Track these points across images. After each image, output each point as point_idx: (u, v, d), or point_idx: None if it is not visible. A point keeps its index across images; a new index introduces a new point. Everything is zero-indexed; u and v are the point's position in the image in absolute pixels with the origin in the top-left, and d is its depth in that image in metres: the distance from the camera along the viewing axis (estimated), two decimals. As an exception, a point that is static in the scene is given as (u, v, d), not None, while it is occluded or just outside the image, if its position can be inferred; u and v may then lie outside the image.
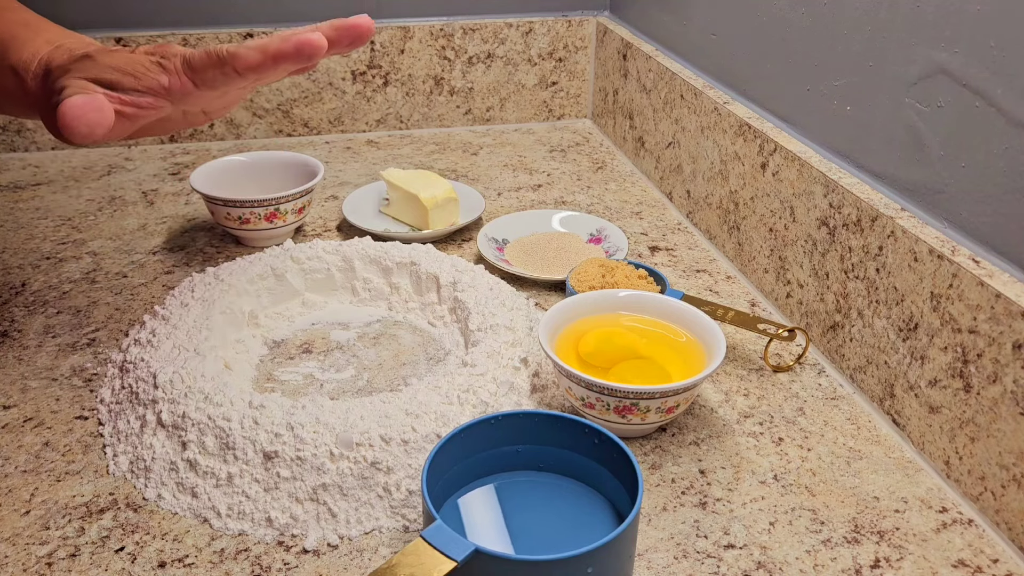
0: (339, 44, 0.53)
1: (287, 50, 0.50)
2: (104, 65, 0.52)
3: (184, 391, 0.57)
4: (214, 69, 0.51)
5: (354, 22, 0.53)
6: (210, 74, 0.51)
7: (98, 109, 0.49)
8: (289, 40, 0.50)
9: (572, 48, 1.15)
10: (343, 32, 0.53)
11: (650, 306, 0.65)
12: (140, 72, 0.52)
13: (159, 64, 0.52)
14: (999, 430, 0.51)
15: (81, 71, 0.52)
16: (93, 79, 0.51)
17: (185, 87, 0.52)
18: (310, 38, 0.50)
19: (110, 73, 0.52)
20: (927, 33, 0.57)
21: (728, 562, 0.50)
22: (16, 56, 0.55)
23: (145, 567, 0.50)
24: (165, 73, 0.52)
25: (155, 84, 0.52)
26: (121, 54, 0.53)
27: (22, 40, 0.56)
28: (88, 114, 0.49)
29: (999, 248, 0.54)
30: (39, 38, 0.56)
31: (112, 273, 0.80)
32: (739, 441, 0.60)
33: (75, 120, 0.49)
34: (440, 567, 0.41)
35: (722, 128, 0.81)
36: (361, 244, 0.76)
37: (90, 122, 0.49)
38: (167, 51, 0.52)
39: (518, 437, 0.52)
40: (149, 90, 0.52)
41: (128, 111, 0.52)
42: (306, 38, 0.50)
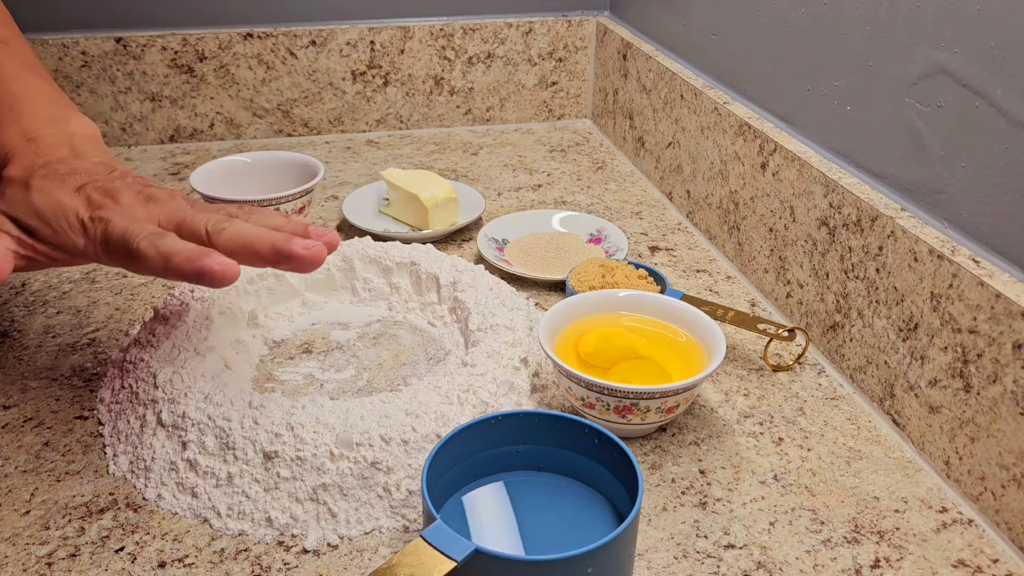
0: (276, 266, 0.50)
1: (187, 271, 0.47)
2: (31, 208, 0.51)
3: (184, 391, 0.57)
4: (123, 257, 0.50)
5: (294, 251, 0.49)
6: (118, 258, 0.50)
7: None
8: (193, 263, 0.47)
9: (572, 48, 1.15)
10: (281, 257, 0.49)
11: (650, 306, 0.65)
12: (61, 228, 0.51)
13: (83, 225, 0.51)
14: (999, 430, 0.51)
15: (8, 205, 0.52)
16: (14, 219, 0.51)
17: (97, 255, 0.51)
18: (211, 268, 0.47)
19: (33, 219, 0.51)
20: (927, 33, 0.57)
21: (728, 562, 0.50)
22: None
23: (145, 567, 0.50)
24: (84, 236, 0.51)
25: (70, 243, 0.51)
26: (57, 193, 0.51)
27: (1, 126, 0.55)
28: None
29: (999, 248, 0.54)
30: (15, 127, 0.55)
31: (112, 273, 0.80)
32: (739, 441, 0.60)
33: None
34: (440, 567, 0.41)
35: (722, 128, 0.81)
36: (361, 244, 0.76)
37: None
38: (100, 210, 0.51)
39: (518, 437, 0.52)
40: (62, 247, 0.51)
41: (40, 259, 0.52)
42: (208, 266, 0.47)
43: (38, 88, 0.59)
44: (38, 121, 0.56)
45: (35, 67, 0.61)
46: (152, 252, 0.48)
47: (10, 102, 0.57)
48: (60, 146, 0.55)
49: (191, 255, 0.47)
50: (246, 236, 0.50)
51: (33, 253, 0.51)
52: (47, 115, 0.57)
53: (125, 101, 1.06)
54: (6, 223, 0.51)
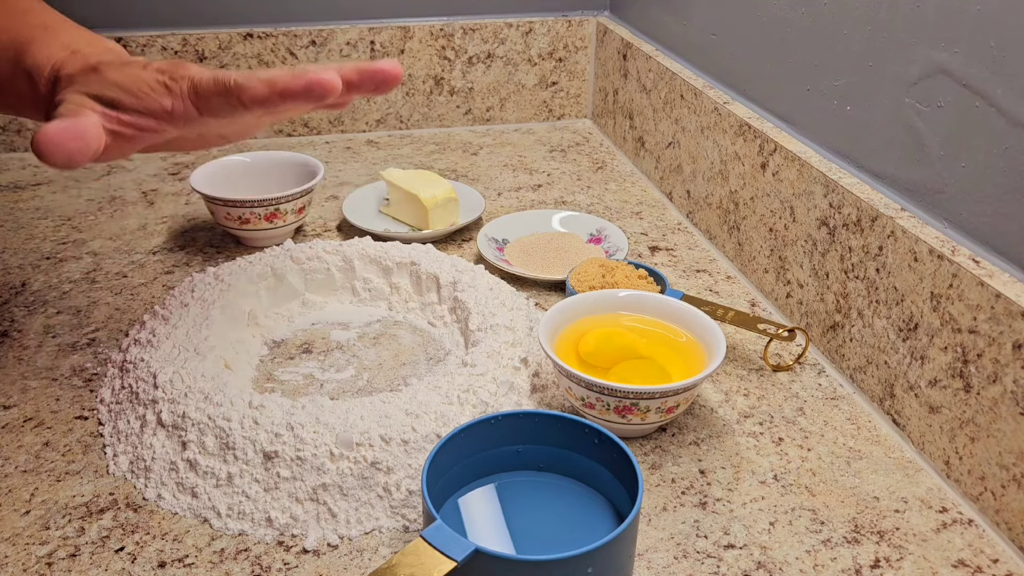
0: (362, 88, 0.50)
1: (296, 88, 0.47)
2: (108, 81, 0.50)
3: (184, 391, 0.57)
4: (219, 98, 0.49)
5: (380, 67, 0.50)
6: (215, 102, 0.49)
7: (78, 136, 0.47)
8: (300, 77, 0.47)
9: (572, 48, 1.15)
10: (367, 76, 0.50)
11: (650, 306, 0.65)
12: (144, 92, 0.50)
13: (165, 85, 0.50)
14: (999, 430, 0.51)
15: (83, 85, 0.50)
16: (94, 95, 0.50)
17: (188, 113, 0.50)
18: (321, 78, 0.47)
19: (112, 91, 0.50)
20: (927, 33, 0.57)
21: (728, 562, 0.50)
22: (32, 60, 0.54)
23: (145, 567, 0.50)
24: (170, 96, 0.50)
25: (157, 106, 0.50)
26: (130, 69, 0.51)
27: (40, 43, 0.55)
28: (66, 142, 0.46)
29: (999, 248, 0.54)
30: (56, 42, 0.55)
31: (112, 273, 0.80)
32: (739, 441, 0.60)
33: (50, 148, 0.46)
34: (440, 567, 0.41)
35: (722, 128, 0.81)
36: (361, 244, 0.76)
37: (68, 151, 0.46)
38: (177, 72, 0.50)
39: (518, 437, 0.52)
40: (151, 112, 0.50)
41: (127, 132, 0.50)
42: (317, 77, 0.47)
43: (63, 17, 0.59)
44: (75, 37, 0.56)
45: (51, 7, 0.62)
46: (253, 81, 0.48)
47: (45, 24, 0.57)
48: (104, 52, 0.54)
49: (295, 73, 0.47)
50: (329, 66, 0.50)
51: (119, 126, 0.50)
52: (81, 34, 0.57)
53: (125, 101, 1.06)
54: (87, 100, 0.50)
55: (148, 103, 0.50)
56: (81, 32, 0.57)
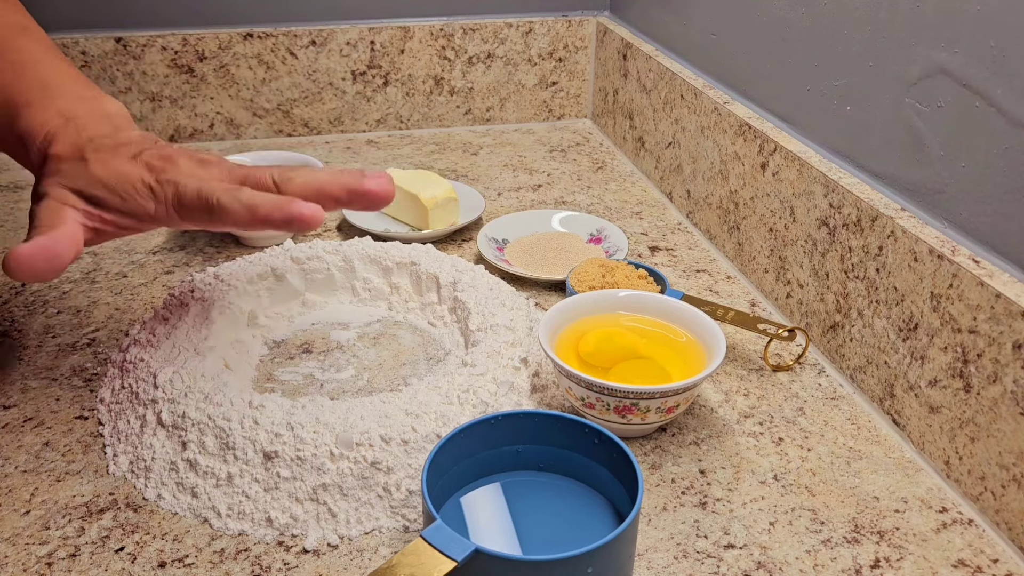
0: (349, 205, 0.51)
1: (276, 219, 0.48)
2: (94, 178, 0.50)
3: (184, 391, 0.57)
4: (201, 212, 0.50)
5: (369, 188, 0.50)
6: (196, 215, 0.50)
7: (51, 258, 0.47)
8: (282, 209, 0.48)
9: (572, 48, 1.15)
10: (356, 196, 0.51)
11: (650, 306, 0.65)
12: (129, 194, 0.50)
13: (150, 189, 0.50)
14: (999, 430, 0.51)
15: (68, 179, 0.51)
16: (78, 191, 0.50)
17: (171, 218, 0.51)
18: (303, 213, 0.48)
19: (98, 189, 0.50)
20: (927, 33, 0.57)
21: (728, 562, 0.50)
22: (26, 124, 0.54)
23: (145, 567, 0.50)
24: (154, 200, 0.50)
25: (141, 210, 0.50)
26: (117, 162, 0.51)
27: (35, 107, 0.55)
28: (37, 264, 0.47)
29: (999, 248, 0.54)
30: (52, 107, 0.55)
31: (112, 273, 0.80)
32: (739, 441, 0.60)
33: (21, 268, 0.47)
34: (440, 567, 0.41)
35: (722, 128, 0.81)
36: (361, 244, 0.76)
37: (39, 271, 0.47)
38: (164, 174, 0.50)
39: (518, 437, 0.52)
40: (133, 214, 0.51)
41: (108, 229, 0.51)
42: (299, 212, 0.48)
43: (66, 71, 0.59)
44: (72, 101, 0.56)
45: (58, 52, 0.61)
46: (236, 205, 0.48)
47: (43, 84, 0.56)
48: (99, 123, 0.54)
49: (277, 203, 0.48)
50: (317, 181, 0.51)
51: (101, 224, 0.50)
52: (80, 95, 0.57)
53: (125, 101, 1.06)
54: (71, 197, 0.50)
55: (132, 206, 0.50)
56: (80, 92, 0.57)
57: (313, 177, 0.52)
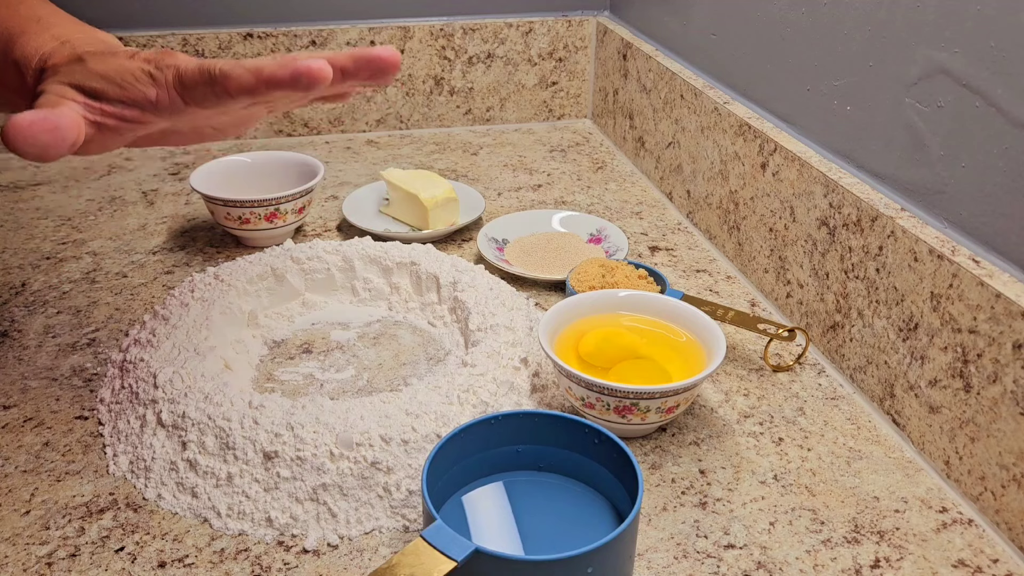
0: (358, 75, 0.49)
1: (282, 76, 0.46)
2: (92, 72, 0.49)
3: (184, 391, 0.57)
4: (204, 87, 0.48)
5: (376, 54, 0.48)
6: (200, 92, 0.48)
7: (51, 128, 0.46)
8: (287, 66, 0.46)
9: (572, 48, 1.15)
10: (363, 63, 0.48)
11: (650, 306, 0.65)
12: (128, 82, 0.49)
13: (150, 75, 0.49)
14: (999, 430, 0.51)
15: (67, 76, 0.50)
16: (76, 85, 0.49)
17: (174, 103, 0.49)
18: (310, 66, 0.45)
19: (95, 81, 0.49)
20: (927, 33, 0.57)
21: (728, 562, 0.50)
22: (20, 51, 0.53)
23: (145, 567, 0.50)
24: (154, 85, 0.49)
25: (141, 96, 0.49)
26: (115, 59, 0.50)
27: (30, 35, 0.54)
28: (38, 134, 0.45)
29: (999, 248, 0.54)
30: (46, 33, 0.54)
31: (112, 273, 0.80)
32: (739, 441, 0.60)
33: (19, 139, 0.45)
34: (440, 567, 0.41)
35: (722, 128, 0.81)
36: (361, 244, 0.76)
37: (40, 143, 0.45)
38: (163, 61, 0.49)
39: (518, 437, 0.52)
40: (135, 102, 0.49)
41: (111, 123, 0.49)
42: (305, 65, 0.45)
43: (58, 9, 0.59)
44: (67, 29, 0.55)
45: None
46: (239, 70, 0.46)
47: (37, 17, 0.56)
48: (95, 43, 0.53)
49: (282, 62, 0.46)
50: (323, 55, 0.48)
51: (102, 116, 0.49)
52: (74, 25, 0.56)
53: (125, 101, 1.06)
54: (69, 91, 0.49)
55: (132, 93, 0.49)
56: (74, 23, 0.56)
57: (313, 55, 0.49)
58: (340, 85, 0.49)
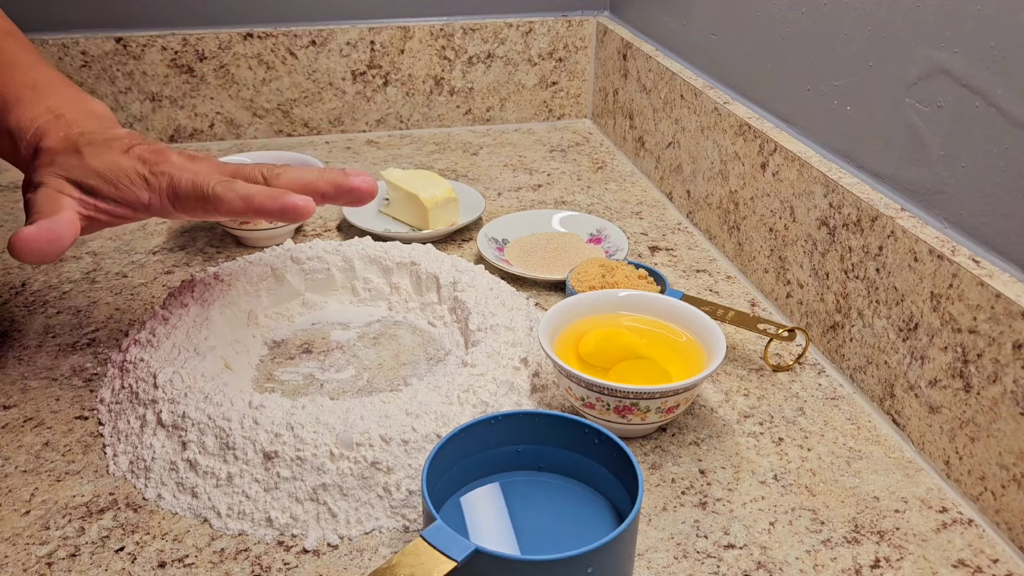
0: (337, 200, 0.54)
1: (271, 208, 0.50)
2: (89, 168, 0.52)
3: (184, 391, 0.57)
4: (196, 202, 0.51)
5: (353, 184, 0.54)
6: (191, 205, 0.51)
7: (54, 240, 0.49)
8: (276, 200, 0.50)
9: (572, 48, 1.15)
10: (342, 191, 0.54)
11: (650, 306, 0.65)
12: (123, 184, 0.51)
13: (144, 179, 0.51)
14: (999, 430, 0.51)
15: (64, 169, 0.52)
16: (73, 181, 0.51)
17: (164, 208, 0.52)
18: (296, 203, 0.51)
19: (93, 179, 0.51)
20: (927, 33, 0.57)
21: (728, 562, 0.50)
22: (15, 120, 0.55)
23: (145, 567, 0.50)
24: (148, 190, 0.51)
25: (134, 198, 0.52)
26: (111, 155, 0.52)
27: (25, 103, 0.56)
28: (42, 246, 0.49)
29: (999, 248, 0.54)
30: (41, 104, 0.56)
31: (112, 273, 0.80)
32: (739, 441, 0.60)
33: (26, 253, 0.49)
34: (440, 567, 0.41)
35: (722, 128, 0.81)
36: (361, 244, 0.76)
37: (44, 252, 0.49)
38: (158, 166, 0.52)
39: (518, 437, 0.52)
40: (127, 203, 0.52)
41: (102, 218, 0.52)
42: (292, 202, 0.51)
43: (54, 74, 0.60)
44: (61, 100, 0.57)
45: (44, 58, 0.63)
46: (231, 195, 0.50)
47: (32, 84, 0.58)
48: (88, 120, 0.56)
49: (271, 194, 0.51)
50: (305, 177, 0.54)
51: (95, 212, 0.52)
52: (68, 95, 0.58)
53: (125, 101, 1.06)
54: (67, 186, 0.51)
55: (126, 195, 0.52)
56: (68, 92, 0.58)
57: (301, 173, 0.55)
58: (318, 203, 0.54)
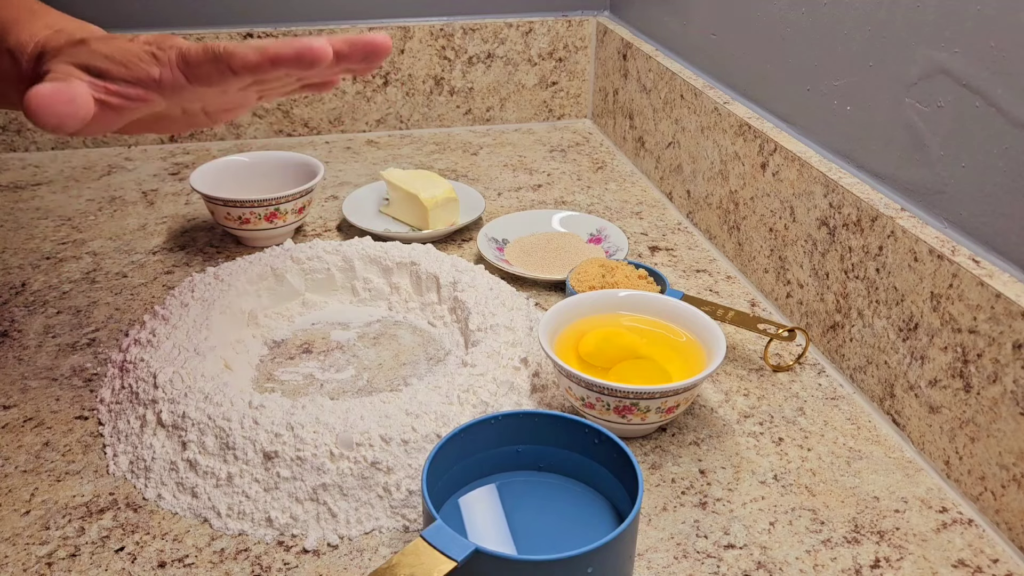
0: (350, 59, 0.51)
1: (286, 54, 0.48)
2: (96, 52, 0.50)
3: (184, 391, 0.57)
4: (209, 65, 0.49)
5: (369, 39, 0.51)
6: (204, 70, 0.50)
7: (68, 100, 0.48)
8: (291, 44, 0.48)
9: (572, 48, 1.15)
10: (356, 47, 0.51)
11: (650, 306, 0.65)
12: (132, 62, 0.50)
13: (153, 55, 0.50)
14: (999, 430, 0.51)
15: (71, 56, 0.51)
16: (81, 65, 0.50)
17: (177, 81, 0.50)
18: (312, 44, 0.48)
19: (100, 61, 0.50)
20: (927, 33, 0.57)
21: (728, 562, 0.50)
22: (14, 39, 0.54)
23: (145, 567, 0.50)
24: (158, 65, 0.50)
25: (145, 75, 0.50)
26: (117, 42, 0.51)
27: (23, 23, 0.55)
28: (56, 105, 0.47)
29: (999, 248, 0.54)
30: (39, 22, 0.55)
31: (112, 273, 0.80)
32: (739, 441, 0.60)
33: (41, 109, 0.47)
34: (440, 567, 0.41)
35: (722, 128, 0.81)
36: (361, 244, 0.76)
37: (59, 113, 0.47)
38: (165, 43, 0.51)
39: (518, 437, 0.52)
40: (139, 81, 0.50)
41: (115, 101, 0.51)
42: (307, 44, 0.48)
43: (51, 8, 0.60)
44: (61, 19, 0.57)
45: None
46: (244, 48, 0.48)
47: (31, 8, 0.58)
48: (90, 31, 0.55)
49: (286, 40, 0.48)
50: (321, 38, 0.51)
51: (106, 95, 0.50)
52: (67, 18, 0.58)
53: (125, 101, 1.06)
54: (75, 70, 0.50)
55: (136, 72, 0.50)
56: (65, 16, 0.58)
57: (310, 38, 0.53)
58: (331, 69, 0.51)
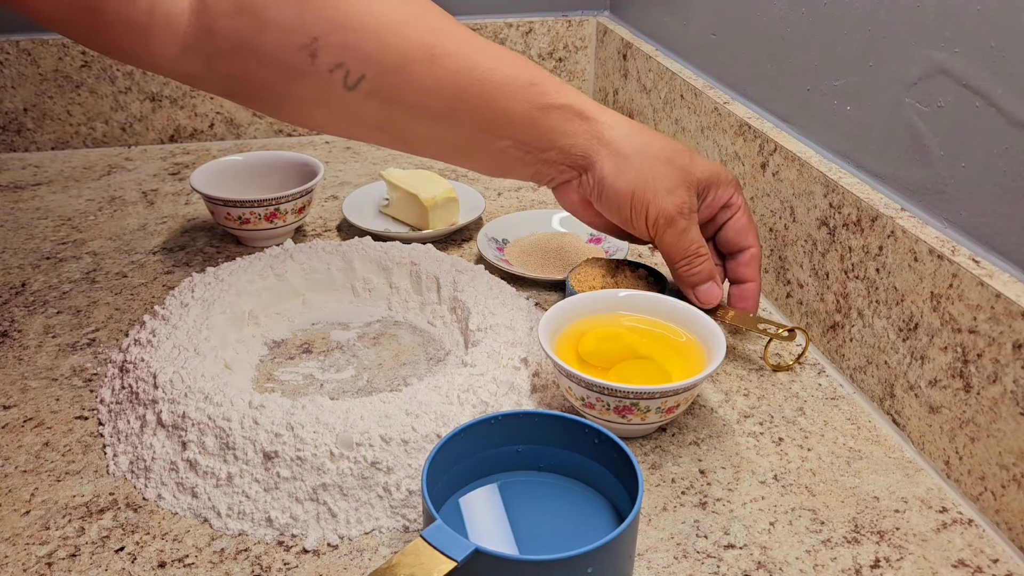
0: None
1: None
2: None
3: (184, 391, 0.57)
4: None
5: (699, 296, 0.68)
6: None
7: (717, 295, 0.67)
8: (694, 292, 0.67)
9: (572, 48, 1.15)
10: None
11: (650, 306, 0.65)
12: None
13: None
14: (999, 430, 0.51)
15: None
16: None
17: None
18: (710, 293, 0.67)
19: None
20: (927, 33, 0.57)
21: (728, 562, 0.50)
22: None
23: (145, 567, 0.50)
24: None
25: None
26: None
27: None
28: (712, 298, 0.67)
29: (999, 248, 0.54)
30: (585, 129, 0.64)
31: (112, 273, 0.80)
32: (739, 441, 0.60)
33: (705, 301, 0.66)
34: (440, 567, 0.41)
35: (722, 128, 0.81)
36: (361, 244, 0.76)
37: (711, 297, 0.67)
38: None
39: (518, 437, 0.52)
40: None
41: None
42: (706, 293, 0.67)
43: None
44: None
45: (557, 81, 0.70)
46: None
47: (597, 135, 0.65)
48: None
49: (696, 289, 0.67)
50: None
51: None
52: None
53: (125, 101, 1.06)
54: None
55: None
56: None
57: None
58: None
